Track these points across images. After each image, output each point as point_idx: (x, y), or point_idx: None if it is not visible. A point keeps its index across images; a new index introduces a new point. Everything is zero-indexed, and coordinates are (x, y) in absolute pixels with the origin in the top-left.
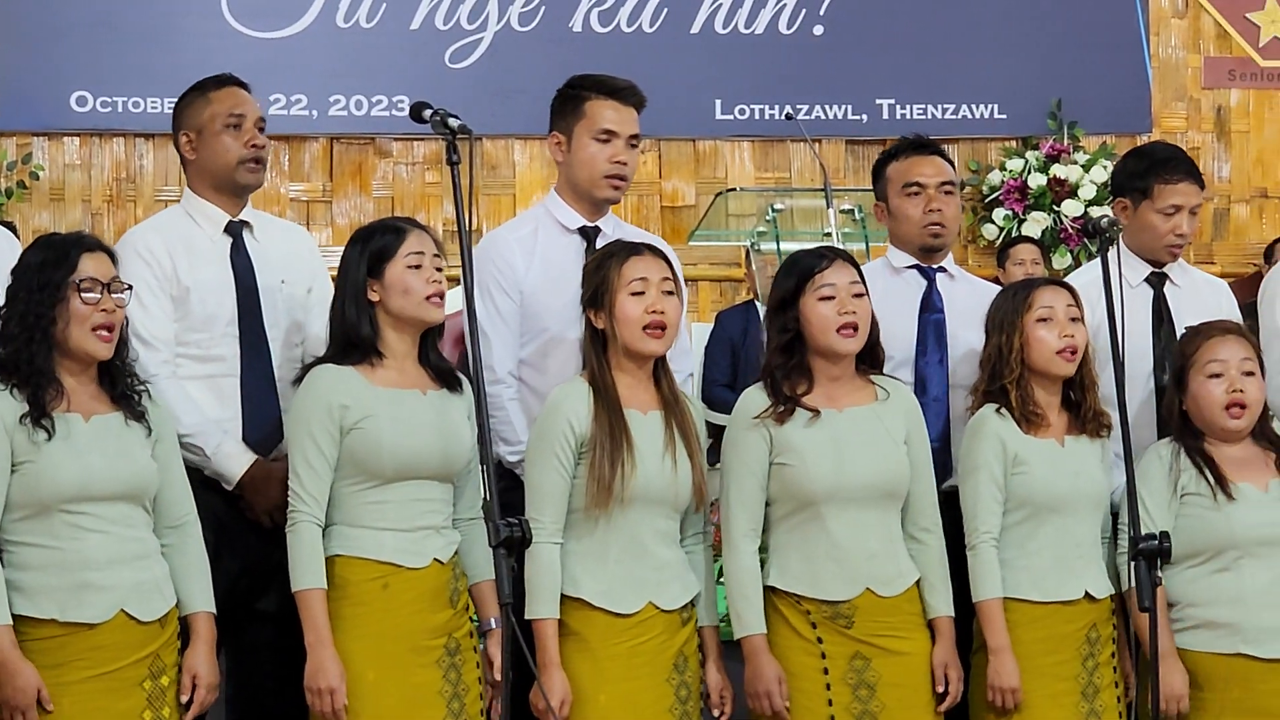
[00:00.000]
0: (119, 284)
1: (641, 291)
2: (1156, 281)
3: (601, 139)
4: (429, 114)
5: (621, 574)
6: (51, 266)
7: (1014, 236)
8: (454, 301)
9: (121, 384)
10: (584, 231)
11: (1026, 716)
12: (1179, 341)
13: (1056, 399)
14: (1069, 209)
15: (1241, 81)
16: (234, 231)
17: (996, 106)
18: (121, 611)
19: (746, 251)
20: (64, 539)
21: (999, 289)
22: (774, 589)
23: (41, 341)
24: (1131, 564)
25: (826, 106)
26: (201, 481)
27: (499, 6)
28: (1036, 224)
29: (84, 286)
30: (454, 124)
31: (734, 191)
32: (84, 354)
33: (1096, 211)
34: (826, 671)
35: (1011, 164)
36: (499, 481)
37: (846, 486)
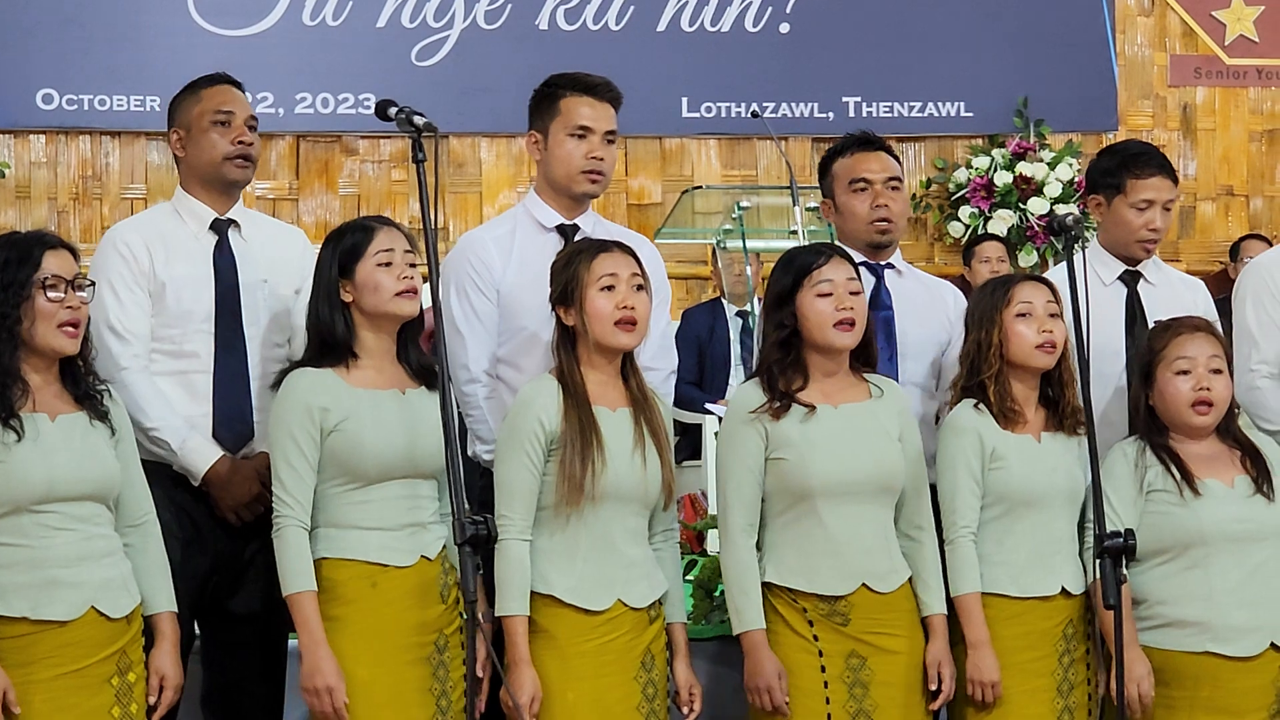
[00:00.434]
0: (82, 280)
1: (611, 286)
2: (1131, 280)
3: (578, 135)
4: (394, 112)
5: (591, 571)
6: (15, 265)
7: (980, 234)
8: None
9: (84, 383)
10: (562, 230)
11: (1004, 711)
12: (1147, 336)
13: (1034, 395)
14: (1035, 207)
15: (1207, 79)
16: (219, 229)
17: (963, 104)
18: (91, 608)
19: (713, 249)
20: (33, 538)
21: (947, 285)
22: (770, 585)
23: (7, 340)
24: (1096, 561)
25: (793, 104)
26: (171, 478)
27: (465, 4)
28: (1002, 222)
29: (49, 284)
30: (419, 122)
31: (700, 189)
32: (51, 351)
33: (1062, 209)
34: (823, 669)
35: (978, 162)
36: (479, 479)
37: (843, 481)
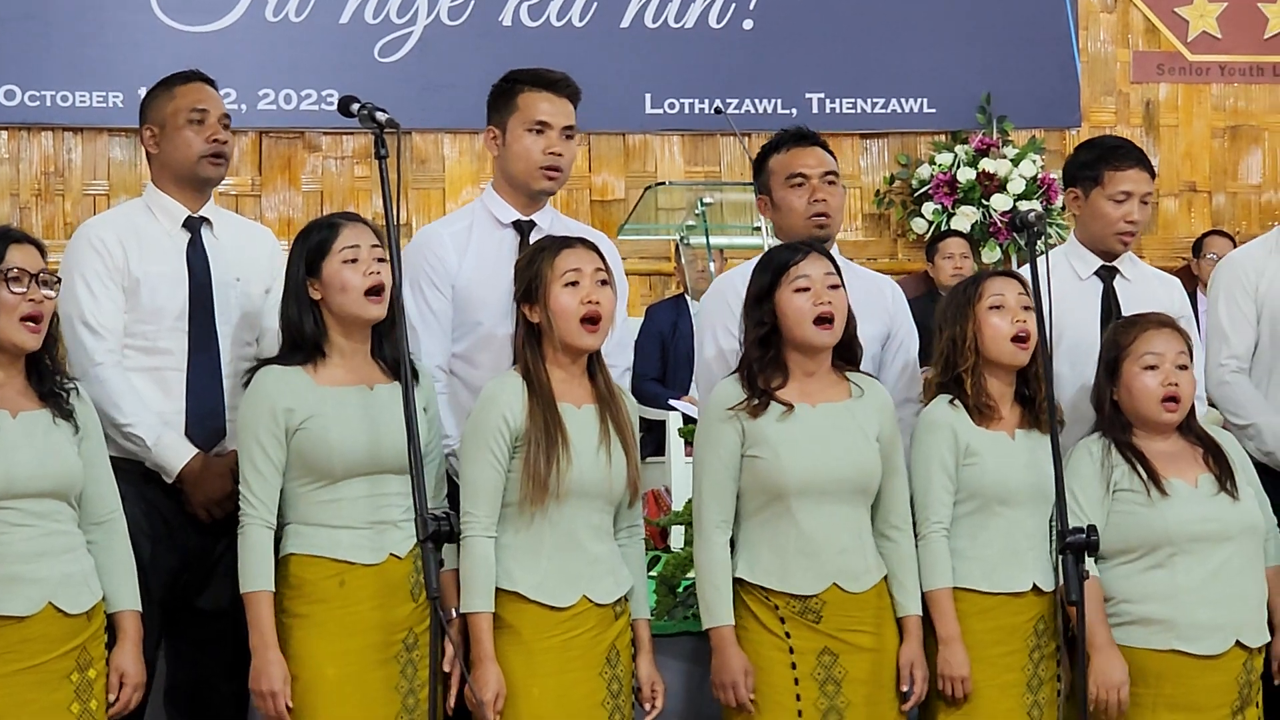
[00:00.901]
0: (46, 276)
1: (575, 282)
2: (1107, 275)
3: (535, 130)
4: (357, 108)
5: (555, 568)
6: None
7: (943, 230)
8: None
9: (49, 381)
10: (518, 225)
11: (974, 706)
12: (1112, 331)
13: (1010, 391)
14: (998, 203)
15: (1170, 76)
16: (192, 227)
17: (926, 100)
18: (50, 604)
19: (676, 245)
20: None
21: (885, 279)
22: (742, 582)
23: None
24: (1060, 557)
25: (756, 101)
26: (143, 474)
27: (428, 1)
28: (966, 218)
29: (11, 276)
30: (382, 118)
31: (663, 185)
32: (11, 345)
33: (1025, 205)
34: (794, 666)
35: (941, 158)
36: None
37: (818, 481)
